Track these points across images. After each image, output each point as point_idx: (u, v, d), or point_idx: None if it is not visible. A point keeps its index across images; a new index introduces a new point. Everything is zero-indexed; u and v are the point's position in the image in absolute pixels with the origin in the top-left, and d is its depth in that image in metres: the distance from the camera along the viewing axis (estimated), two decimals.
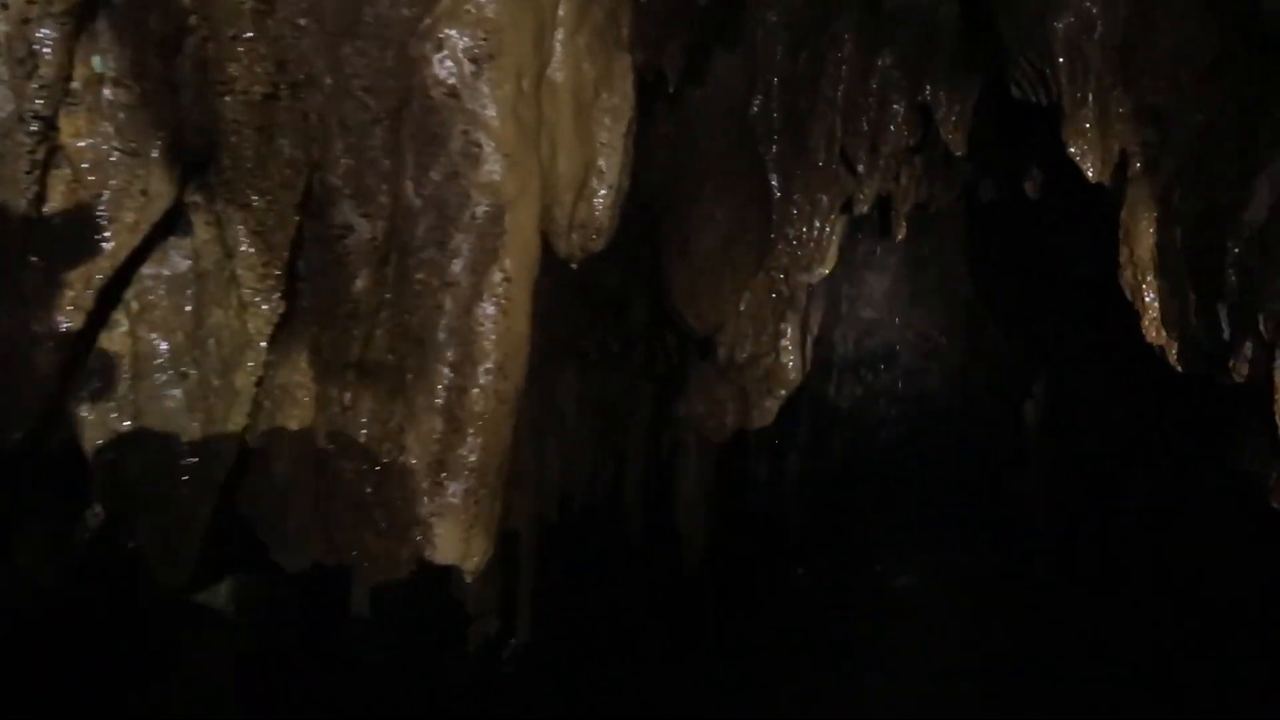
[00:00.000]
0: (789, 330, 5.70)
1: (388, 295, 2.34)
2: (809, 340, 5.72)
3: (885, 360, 11.51)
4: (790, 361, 5.72)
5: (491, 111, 2.34)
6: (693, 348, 5.33)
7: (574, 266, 2.78)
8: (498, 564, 4.38)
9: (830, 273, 6.86)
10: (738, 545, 6.84)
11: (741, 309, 4.89)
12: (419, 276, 2.31)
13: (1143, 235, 4.92)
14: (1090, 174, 4.99)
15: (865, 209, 6.63)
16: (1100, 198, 6.18)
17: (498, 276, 2.35)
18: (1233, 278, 4.05)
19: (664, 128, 4.33)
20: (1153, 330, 4.94)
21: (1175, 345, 4.82)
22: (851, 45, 5.34)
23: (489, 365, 2.31)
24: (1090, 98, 4.92)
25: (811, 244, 6.34)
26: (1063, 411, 9.93)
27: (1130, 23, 4.77)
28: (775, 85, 4.59)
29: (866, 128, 5.86)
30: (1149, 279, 4.92)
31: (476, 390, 2.31)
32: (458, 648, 4.43)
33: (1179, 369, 4.83)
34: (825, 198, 6.18)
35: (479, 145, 2.33)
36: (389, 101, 2.31)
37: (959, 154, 6.25)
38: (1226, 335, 4.22)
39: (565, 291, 4.11)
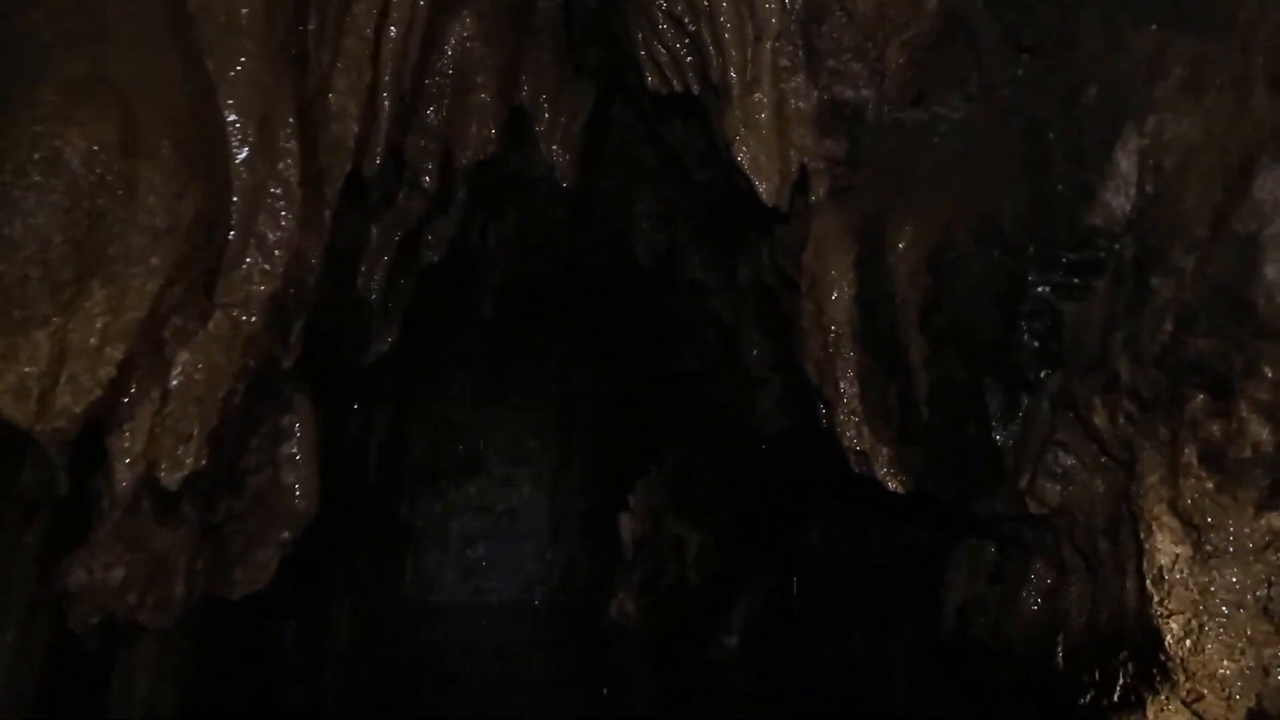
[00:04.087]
0: (297, 426, 3.11)
1: None
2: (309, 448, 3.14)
3: (469, 467, 9.13)
4: (298, 482, 3.13)
5: None
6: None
7: None
8: None
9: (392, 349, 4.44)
10: None
11: (173, 382, 2.24)
12: None
13: (836, 286, 3.09)
14: (764, 192, 3.09)
15: (436, 256, 4.28)
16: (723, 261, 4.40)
17: None
18: (1027, 337, 2.23)
19: None
20: (850, 429, 3.05)
21: (885, 452, 2.97)
22: None
23: None
24: (765, 82, 3.06)
25: (370, 295, 3.87)
26: (663, 525, 8.17)
27: None
28: None
29: (436, 119, 3.56)
30: (846, 351, 3.07)
31: None
32: None
33: (892, 487, 2.99)
34: (375, 227, 3.77)
35: None
36: None
37: (565, 185, 4.16)
38: (1002, 436, 2.40)
39: None
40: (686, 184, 4.51)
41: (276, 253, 2.27)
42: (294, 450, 3.14)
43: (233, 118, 2.16)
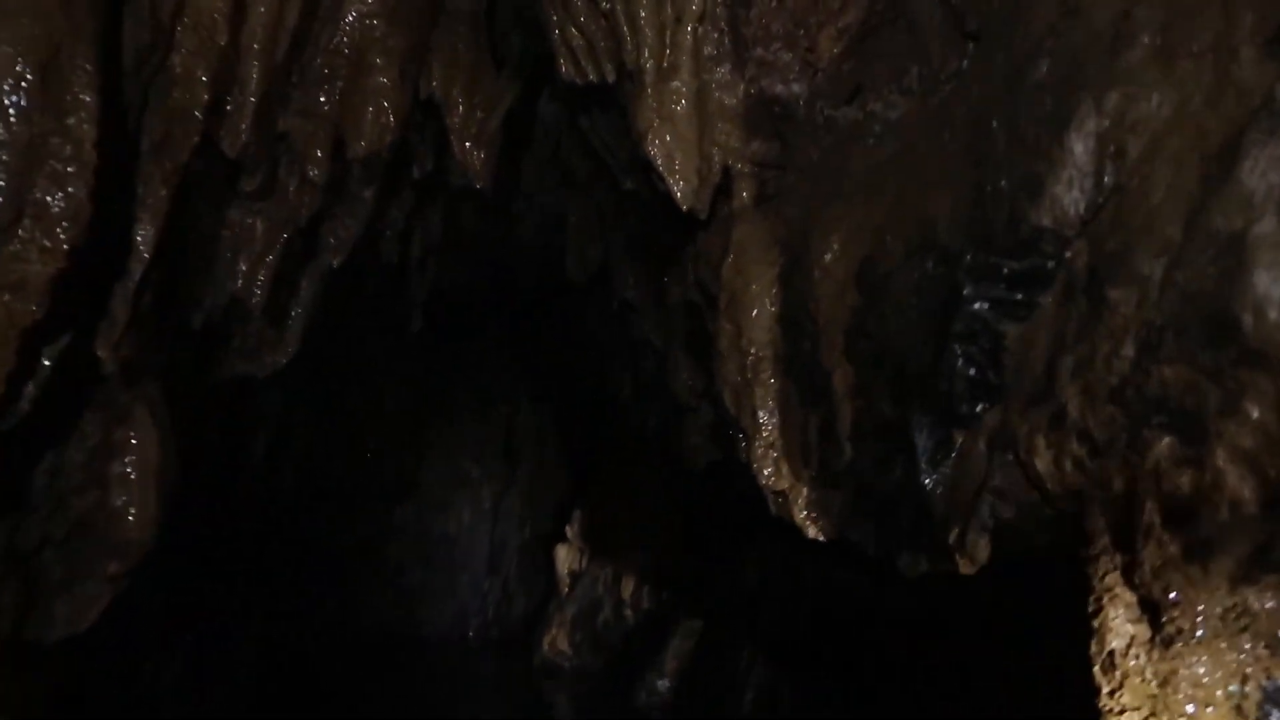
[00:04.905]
0: (133, 441, 2.66)
1: None
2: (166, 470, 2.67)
3: (404, 489, 8.63)
4: (132, 505, 2.67)
5: None
6: None
7: None
8: None
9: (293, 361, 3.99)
10: None
11: None
12: None
13: (756, 302, 2.70)
14: (679, 193, 2.70)
15: (337, 260, 3.83)
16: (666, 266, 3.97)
17: None
18: (962, 364, 1.85)
19: None
20: (768, 465, 2.65)
21: (805, 493, 2.57)
22: None
23: None
24: (684, 69, 2.68)
25: (251, 298, 3.41)
26: (600, 558, 7.72)
27: None
28: None
29: (328, 103, 3.15)
30: (766, 377, 2.68)
31: None
32: None
33: (811, 534, 2.58)
34: (256, 220, 3.33)
35: None
36: None
37: (480, 186, 3.75)
38: (931, 481, 2.01)
39: None
40: (615, 194, 4.12)
41: (62, 225, 1.83)
42: (127, 468, 2.67)
43: (3, 53, 1.73)
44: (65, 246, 1.82)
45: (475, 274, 5.85)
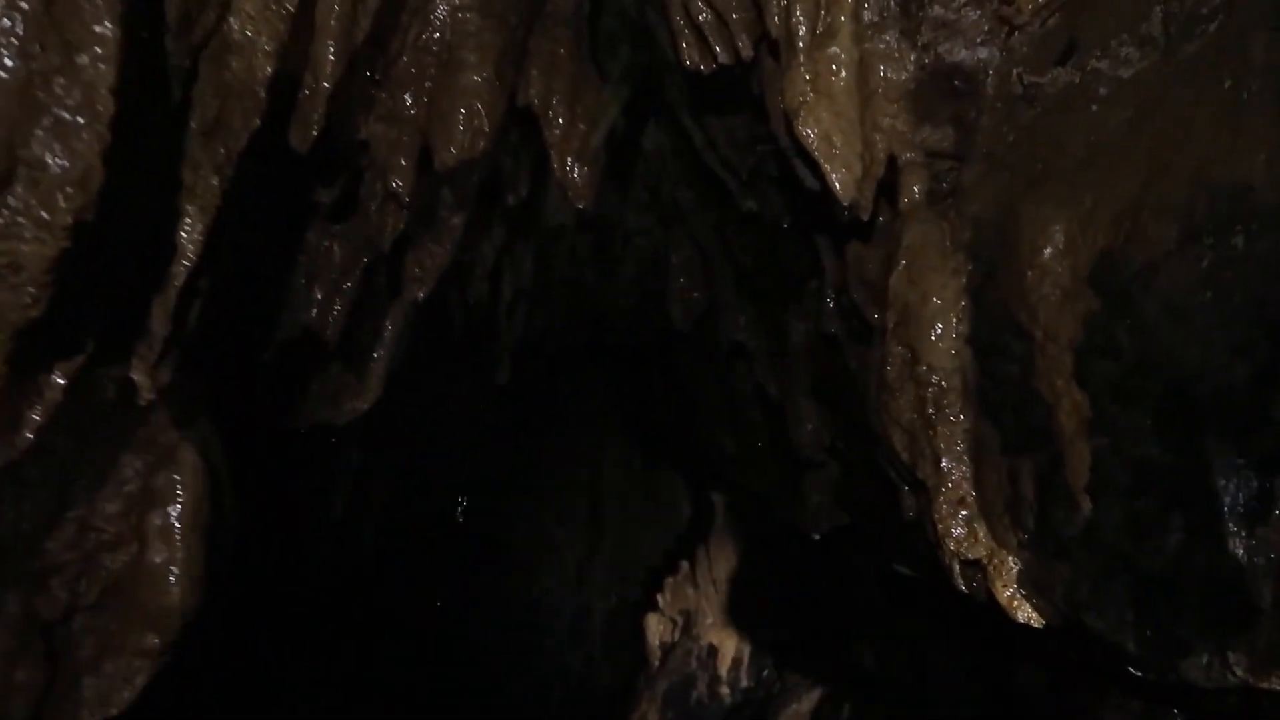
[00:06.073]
0: (178, 488, 2.17)
1: None
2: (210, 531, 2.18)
3: (484, 552, 8.12)
4: (173, 564, 2.18)
5: None
6: None
7: None
8: None
9: (375, 409, 3.52)
10: None
11: None
12: None
13: (937, 319, 2.10)
14: (838, 184, 2.14)
15: (423, 292, 3.37)
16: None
17: None
18: None
19: None
20: (957, 526, 2.02)
21: (1011, 563, 1.92)
22: None
23: None
24: (844, 35, 2.15)
25: (326, 329, 2.97)
26: (695, 631, 7.05)
27: None
28: None
29: (415, 107, 2.71)
30: (952, 412, 2.07)
31: None
32: None
33: (1022, 618, 1.92)
34: (334, 243, 2.90)
35: None
36: None
37: (581, 206, 3.25)
38: (1244, 550, 1.36)
39: None
40: (730, 222, 3.59)
41: (66, 192, 1.35)
42: (171, 520, 2.18)
43: None
44: (69, 220, 1.35)
45: (568, 321, 5.37)
